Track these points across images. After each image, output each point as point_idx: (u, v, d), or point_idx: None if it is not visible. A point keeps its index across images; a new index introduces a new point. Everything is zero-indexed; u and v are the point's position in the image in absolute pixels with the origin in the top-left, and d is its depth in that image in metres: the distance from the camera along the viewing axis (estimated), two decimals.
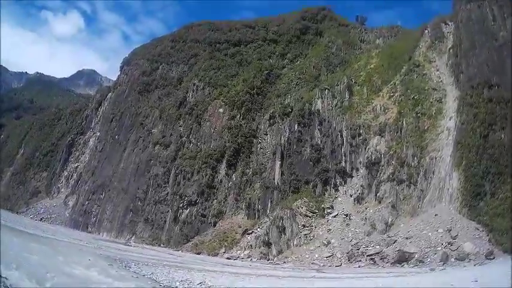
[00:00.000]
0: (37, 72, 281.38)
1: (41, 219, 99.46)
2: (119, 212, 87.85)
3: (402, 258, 45.92)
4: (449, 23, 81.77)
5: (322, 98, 77.61)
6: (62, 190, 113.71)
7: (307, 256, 54.85)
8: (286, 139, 76.69)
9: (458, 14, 72.32)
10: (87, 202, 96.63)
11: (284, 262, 54.63)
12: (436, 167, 57.00)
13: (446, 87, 68.26)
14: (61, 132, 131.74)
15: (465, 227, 46.16)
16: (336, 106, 75.47)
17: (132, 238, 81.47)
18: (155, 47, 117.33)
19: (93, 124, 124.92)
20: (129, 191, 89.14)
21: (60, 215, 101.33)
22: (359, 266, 47.88)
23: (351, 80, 79.71)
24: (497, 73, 58.13)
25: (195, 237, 73.33)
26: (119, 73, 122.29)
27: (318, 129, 74.84)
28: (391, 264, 46.44)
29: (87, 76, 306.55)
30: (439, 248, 45.02)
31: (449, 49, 75.21)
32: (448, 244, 44.96)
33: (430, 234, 47.95)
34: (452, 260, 42.45)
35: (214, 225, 75.11)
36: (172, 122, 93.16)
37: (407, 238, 49.59)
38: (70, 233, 78.57)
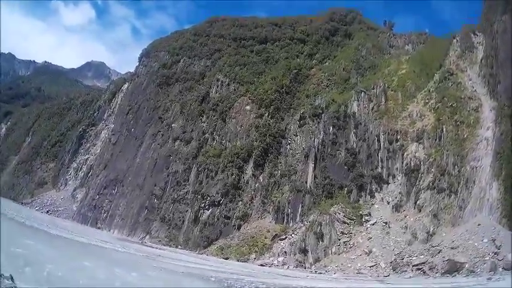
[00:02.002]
0: (45, 61, 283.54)
1: (48, 211, 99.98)
2: (133, 209, 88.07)
3: (453, 268, 47.21)
4: (478, 34, 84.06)
5: (358, 101, 78.96)
6: (70, 182, 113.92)
7: (350, 265, 56.01)
8: (320, 141, 77.81)
9: (494, 25, 73.94)
10: (97, 196, 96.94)
11: (326, 271, 55.52)
12: (477, 176, 58.50)
13: (481, 96, 70.01)
14: (71, 123, 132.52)
15: (507, 237, 47.63)
16: (372, 110, 76.74)
17: (146, 237, 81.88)
18: (176, 40, 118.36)
19: (105, 116, 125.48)
20: (145, 187, 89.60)
21: (67, 208, 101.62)
22: (410, 277, 48.99)
23: (385, 84, 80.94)
24: None
25: (219, 240, 74.21)
26: (137, 64, 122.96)
27: (354, 133, 76.22)
28: (441, 274, 47.60)
29: (96, 68, 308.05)
30: (487, 258, 46.33)
31: (481, 60, 77.29)
32: (495, 254, 46.52)
33: (476, 244, 49.27)
34: (500, 269, 44.01)
35: (239, 228, 76.15)
36: (194, 117, 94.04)
37: (452, 248, 50.88)
38: (81, 229, 78.96)
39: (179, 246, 75.76)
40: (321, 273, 54.62)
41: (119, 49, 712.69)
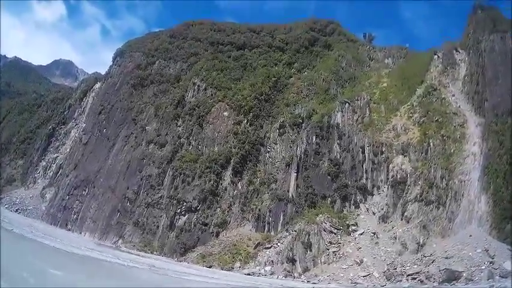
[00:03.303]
0: (15, 57, 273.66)
1: (17, 210, 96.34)
2: (105, 211, 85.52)
3: (451, 277, 48.79)
4: (460, 51, 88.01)
5: (342, 112, 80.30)
6: (39, 181, 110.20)
7: (342, 275, 56.53)
8: (302, 150, 78.44)
9: (481, 44, 77.90)
10: (67, 197, 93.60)
11: (319, 281, 55.89)
12: (465, 189, 61.29)
13: (465, 112, 73.05)
14: (41, 120, 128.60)
15: (499, 247, 50.76)
16: (357, 121, 78.29)
17: (120, 241, 79.55)
18: (151, 41, 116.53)
19: (76, 115, 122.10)
20: (117, 190, 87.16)
21: (36, 207, 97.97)
22: (407, 286, 49.92)
23: (369, 96, 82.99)
24: None
25: (198, 247, 73.26)
26: (111, 63, 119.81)
27: (337, 143, 77.57)
28: (439, 283, 49.12)
29: (63, 66, 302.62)
30: (483, 267, 48.55)
31: (465, 76, 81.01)
32: (490, 263, 48.81)
33: (470, 253, 51.62)
34: (497, 277, 46.17)
35: (217, 236, 75.39)
36: (169, 121, 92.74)
37: (447, 258, 52.74)
38: (54, 231, 76.78)
39: (154, 252, 74.07)
40: (314, 283, 54.94)
41: (87, 49, 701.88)
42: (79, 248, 54.84)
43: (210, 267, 64.93)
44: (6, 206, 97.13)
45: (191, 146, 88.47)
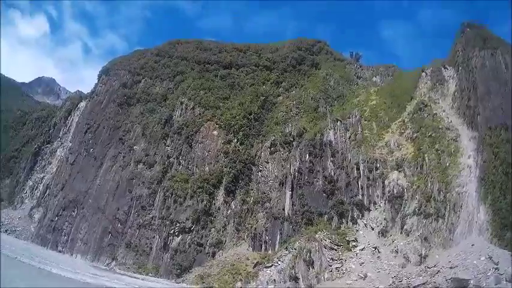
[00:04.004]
0: None
1: (6, 231, 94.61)
2: (96, 233, 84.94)
3: (459, 286, 49.48)
4: (448, 67, 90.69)
5: (334, 129, 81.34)
6: (26, 201, 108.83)
7: None
8: (296, 169, 78.85)
9: (471, 60, 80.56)
10: (56, 218, 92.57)
11: None
12: (463, 201, 62.57)
13: (457, 127, 74.78)
14: (26, 138, 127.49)
15: (502, 254, 51.63)
16: (349, 138, 79.39)
17: (113, 263, 79.07)
18: (137, 59, 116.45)
19: (61, 133, 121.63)
20: (107, 210, 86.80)
21: (25, 228, 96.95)
22: None
23: (360, 114, 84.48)
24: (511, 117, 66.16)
25: (195, 268, 72.92)
26: (96, 82, 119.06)
27: (331, 161, 78.25)
28: None
29: (46, 84, 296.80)
30: (489, 273, 49.28)
31: (454, 92, 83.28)
32: (495, 269, 49.67)
33: (475, 262, 52.34)
34: (504, 282, 47.06)
35: (213, 256, 75.44)
36: (157, 140, 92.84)
37: (451, 268, 53.40)
38: (49, 255, 75.60)
39: (149, 274, 73.62)
40: None
41: (69, 67, 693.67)
42: (84, 275, 53.68)
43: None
44: None
45: (181, 166, 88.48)
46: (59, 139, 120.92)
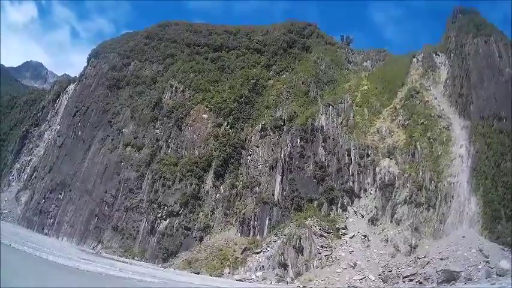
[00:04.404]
0: None
1: None
2: (82, 216, 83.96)
3: (450, 278, 49.58)
4: (440, 54, 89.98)
5: (326, 115, 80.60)
6: (13, 184, 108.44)
7: (337, 279, 56.41)
8: (287, 153, 78.22)
9: (464, 47, 79.87)
10: (43, 200, 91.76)
11: (315, 285, 55.59)
12: (455, 191, 62.39)
13: (449, 115, 74.45)
14: (14, 122, 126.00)
15: (492, 247, 51.91)
16: (341, 124, 78.75)
17: (99, 246, 78.26)
18: (127, 42, 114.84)
19: (49, 116, 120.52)
20: (95, 193, 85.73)
21: (11, 211, 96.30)
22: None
23: (352, 99, 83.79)
24: (504, 107, 66.28)
25: (181, 253, 72.38)
26: (85, 65, 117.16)
27: (322, 146, 77.55)
28: (437, 283, 49.75)
29: (33, 68, 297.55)
30: (480, 266, 49.57)
31: (446, 79, 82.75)
32: (486, 262, 49.93)
33: (465, 254, 52.46)
34: (495, 276, 47.33)
35: (201, 240, 74.76)
36: (146, 123, 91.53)
37: (442, 259, 53.46)
38: (33, 236, 75.00)
39: (135, 258, 72.88)
40: (311, 287, 54.71)
41: (57, 51, 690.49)
42: (78, 261, 53.04)
43: (197, 273, 63.93)
44: None
45: (170, 149, 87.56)
46: (47, 122, 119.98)
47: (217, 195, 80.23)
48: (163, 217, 77.25)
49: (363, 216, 68.83)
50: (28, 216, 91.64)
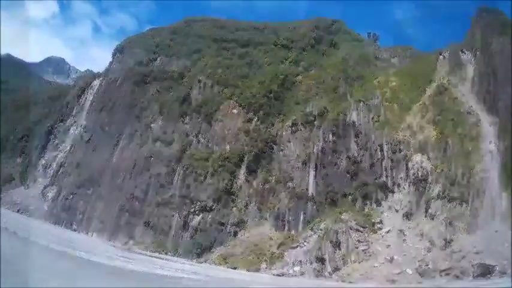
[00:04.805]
0: (8, 54, 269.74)
1: (18, 210, 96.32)
2: (112, 211, 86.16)
3: (486, 271, 51.52)
4: (466, 51, 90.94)
5: (357, 110, 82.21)
6: (39, 180, 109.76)
7: (376, 273, 58.23)
8: (319, 149, 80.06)
9: (491, 45, 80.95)
10: (71, 196, 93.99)
11: (354, 279, 57.43)
12: (486, 187, 63.90)
13: (477, 111, 75.73)
14: (37, 117, 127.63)
15: None
16: (373, 119, 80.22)
17: (130, 242, 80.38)
18: (152, 37, 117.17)
19: (74, 112, 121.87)
20: (125, 189, 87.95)
21: (38, 207, 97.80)
22: (445, 282, 52.09)
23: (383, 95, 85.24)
24: None
25: (216, 248, 74.43)
26: (111, 60, 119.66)
27: (354, 141, 79.26)
28: (473, 277, 51.55)
29: (56, 64, 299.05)
30: None
31: (473, 77, 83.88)
32: None
33: (499, 248, 54.14)
34: None
35: (235, 235, 76.66)
36: (175, 118, 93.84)
37: (476, 253, 55.24)
38: (70, 236, 76.96)
39: (169, 253, 75.13)
40: (351, 282, 56.72)
41: (78, 46, 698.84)
42: (117, 259, 55.09)
43: (234, 268, 65.99)
44: (7, 206, 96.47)
45: (200, 144, 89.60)
46: (73, 117, 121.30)
47: (251, 190, 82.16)
48: (196, 212, 79.44)
49: (397, 211, 70.26)
50: (55, 212, 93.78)
